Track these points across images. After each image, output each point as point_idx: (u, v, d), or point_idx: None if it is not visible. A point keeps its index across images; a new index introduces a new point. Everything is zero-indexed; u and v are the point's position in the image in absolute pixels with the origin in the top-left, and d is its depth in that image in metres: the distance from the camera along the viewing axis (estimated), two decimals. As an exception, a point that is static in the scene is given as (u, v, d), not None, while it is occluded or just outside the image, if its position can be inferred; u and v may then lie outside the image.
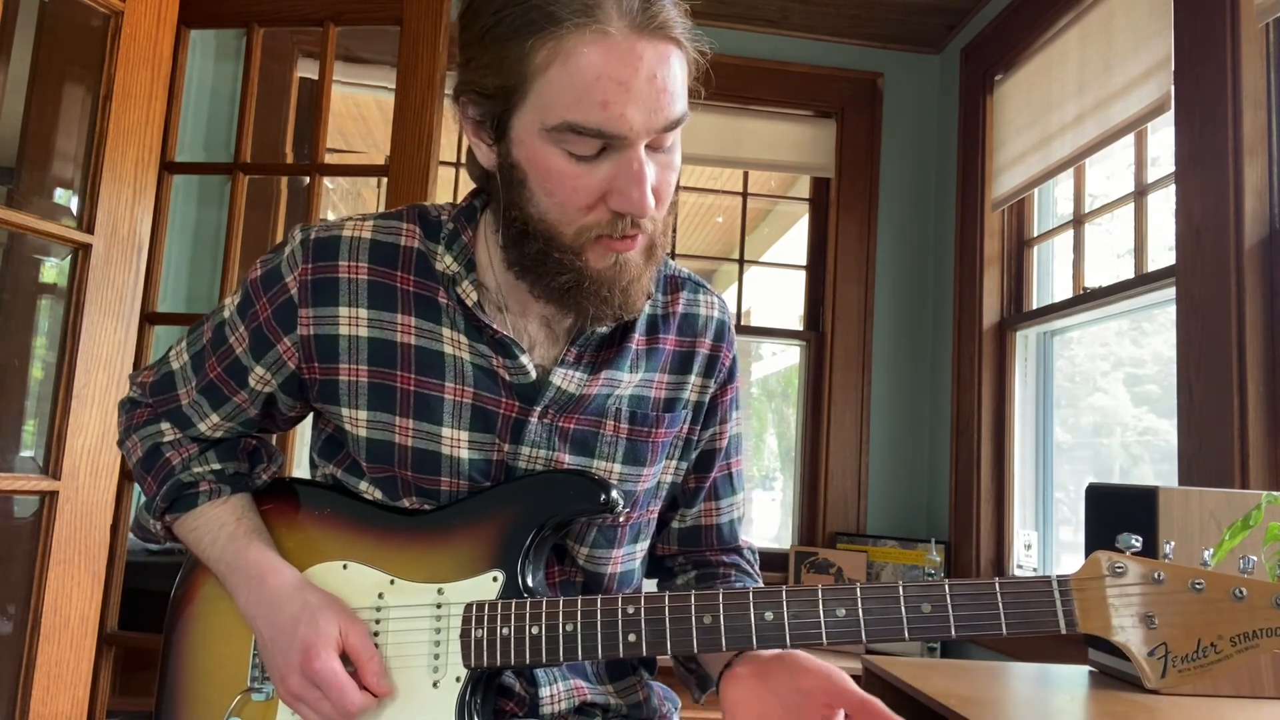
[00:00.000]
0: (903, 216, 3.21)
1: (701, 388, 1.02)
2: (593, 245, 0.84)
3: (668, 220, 0.88)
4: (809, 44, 3.21)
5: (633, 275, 0.86)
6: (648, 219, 0.83)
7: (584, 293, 0.85)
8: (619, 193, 0.80)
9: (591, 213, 0.82)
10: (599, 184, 0.81)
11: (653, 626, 0.82)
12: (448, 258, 0.93)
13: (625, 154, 0.80)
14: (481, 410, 0.92)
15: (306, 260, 0.93)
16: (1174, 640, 0.74)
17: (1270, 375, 1.75)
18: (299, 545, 0.95)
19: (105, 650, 1.98)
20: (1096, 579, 0.76)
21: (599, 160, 0.80)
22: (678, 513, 1.07)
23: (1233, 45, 1.83)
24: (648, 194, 0.80)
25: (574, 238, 0.83)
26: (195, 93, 2.75)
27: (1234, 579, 0.74)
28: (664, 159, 0.84)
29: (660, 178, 0.83)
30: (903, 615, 0.78)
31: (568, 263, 0.84)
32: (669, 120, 0.80)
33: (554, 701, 0.96)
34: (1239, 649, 0.73)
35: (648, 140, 0.80)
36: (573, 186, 0.81)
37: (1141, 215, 2.23)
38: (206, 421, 0.98)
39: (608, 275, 0.85)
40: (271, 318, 0.94)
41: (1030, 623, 0.77)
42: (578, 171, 0.81)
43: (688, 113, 0.83)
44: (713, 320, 1.04)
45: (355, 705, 0.83)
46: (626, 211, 0.81)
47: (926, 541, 2.85)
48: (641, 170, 0.80)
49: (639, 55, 0.78)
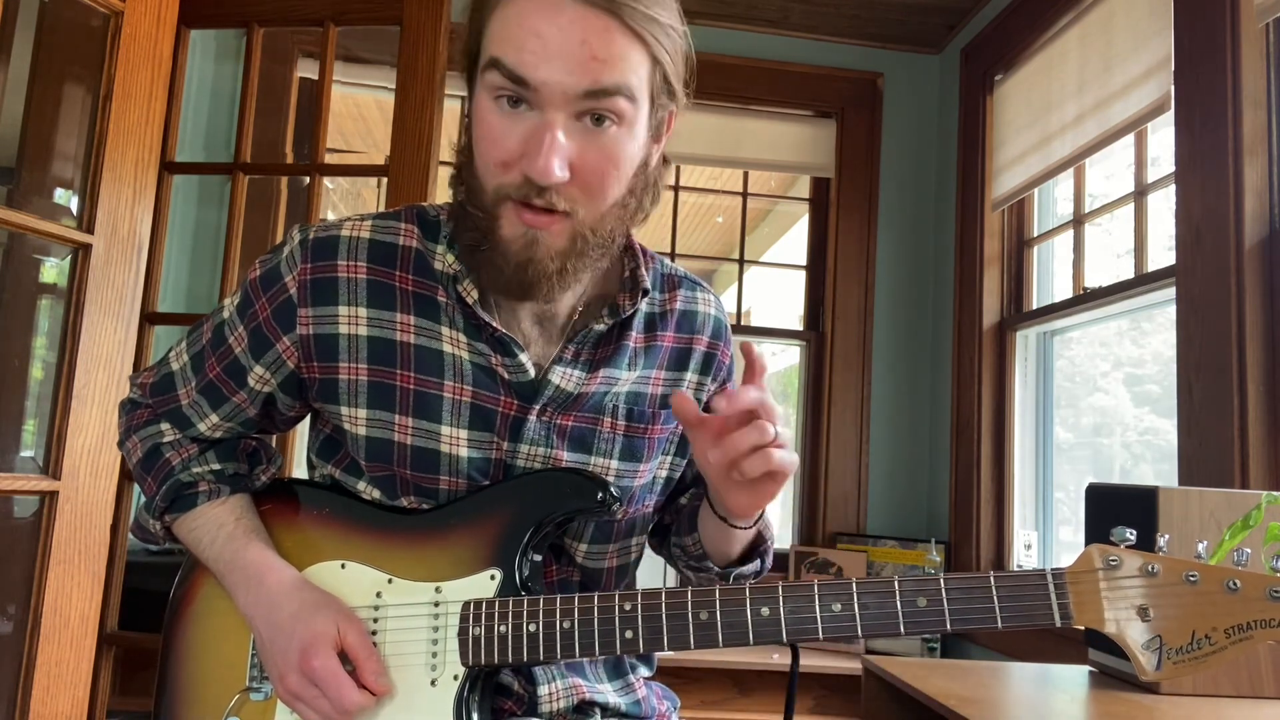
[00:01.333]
0: (903, 216, 3.21)
1: (699, 385, 1.03)
2: (505, 210, 0.84)
3: (608, 214, 0.86)
4: (809, 44, 3.21)
5: (541, 257, 0.84)
6: (568, 200, 0.82)
7: (482, 257, 0.86)
8: (527, 154, 0.81)
9: (508, 171, 0.82)
10: (517, 143, 0.81)
11: (649, 623, 0.82)
12: (449, 256, 0.93)
13: (542, 113, 0.80)
14: (480, 409, 0.92)
15: (305, 260, 0.93)
16: (1168, 632, 0.74)
17: (1270, 375, 1.74)
18: (297, 545, 0.95)
19: (105, 650, 1.98)
20: (1091, 572, 0.77)
21: (520, 115, 0.81)
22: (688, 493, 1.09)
23: (1233, 45, 1.83)
24: (550, 160, 0.79)
25: (491, 196, 0.84)
26: (195, 93, 2.76)
27: (1228, 571, 0.74)
28: (598, 139, 0.82)
29: (587, 156, 0.82)
30: (898, 609, 0.79)
31: (480, 222, 0.85)
32: (596, 85, 0.79)
33: (552, 700, 0.96)
34: (1233, 641, 0.73)
35: (571, 108, 0.80)
36: (492, 139, 0.83)
37: (1141, 215, 2.23)
38: (206, 422, 0.99)
39: (514, 248, 0.84)
40: (271, 317, 0.94)
41: (1025, 616, 0.77)
42: (498, 122, 0.82)
43: (634, 97, 0.82)
44: (710, 318, 1.04)
45: (353, 703, 0.83)
46: (528, 174, 0.81)
47: (926, 541, 2.85)
48: (550, 134, 0.80)
49: (566, 15, 0.79)
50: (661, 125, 0.91)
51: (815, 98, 3.22)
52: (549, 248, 0.84)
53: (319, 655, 0.83)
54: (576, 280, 0.89)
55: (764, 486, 0.84)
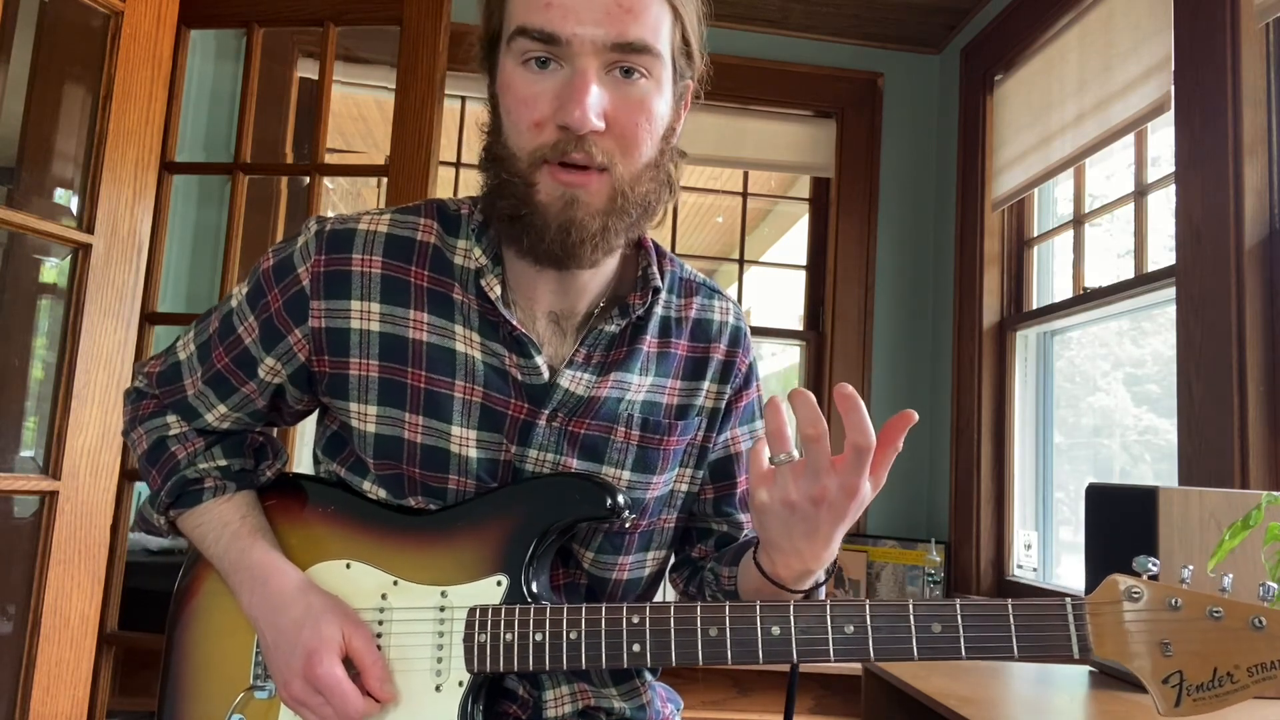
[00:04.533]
0: (903, 216, 3.21)
1: (717, 394, 1.01)
2: (542, 173, 0.83)
3: (643, 174, 0.85)
4: (809, 44, 3.21)
5: (582, 218, 0.83)
6: (604, 154, 0.82)
7: (524, 223, 0.84)
8: (562, 105, 0.80)
9: (542, 132, 0.82)
10: (549, 99, 0.81)
11: (657, 638, 0.81)
12: (475, 250, 0.92)
13: (573, 65, 0.80)
14: (490, 410, 0.91)
15: (320, 252, 0.92)
16: (1189, 668, 0.72)
17: (1270, 375, 1.75)
18: (302, 543, 0.94)
19: (105, 650, 1.97)
20: (1113, 603, 0.74)
21: (549, 72, 0.81)
22: (721, 516, 1.04)
23: (1233, 45, 1.83)
24: (587, 107, 0.79)
25: (527, 161, 0.83)
26: (195, 93, 2.76)
27: (1253, 608, 0.72)
28: (628, 90, 0.82)
29: (620, 107, 0.82)
30: (912, 634, 0.77)
31: (518, 191, 0.84)
32: (623, 37, 0.80)
33: (557, 704, 0.95)
34: (1256, 680, 0.71)
35: (601, 60, 0.80)
36: (523, 100, 0.82)
37: (1141, 215, 2.23)
38: (213, 412, 0.97)
39: (553, 209, 0.83)
40: (283, 308, 0.93)
41: (1042, 646, 0.75)
42: (529, 82, 0.82)
43: (659, 52, 0.82)
44: (727, 326, 1.03)
45: (357, 711, 0.83)
46: (566, 125, 0.80)
47: (926, 541, 2.85)
48: (584, 82, 0.80)
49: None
50: (681, 98, 0.91)
51: (815, 98, 3.22)
52: (588, 206, 0.83)
53: (323, 663, 0.83)
54: (617, 244, 0.88)
55: (829, 530, 0.80)
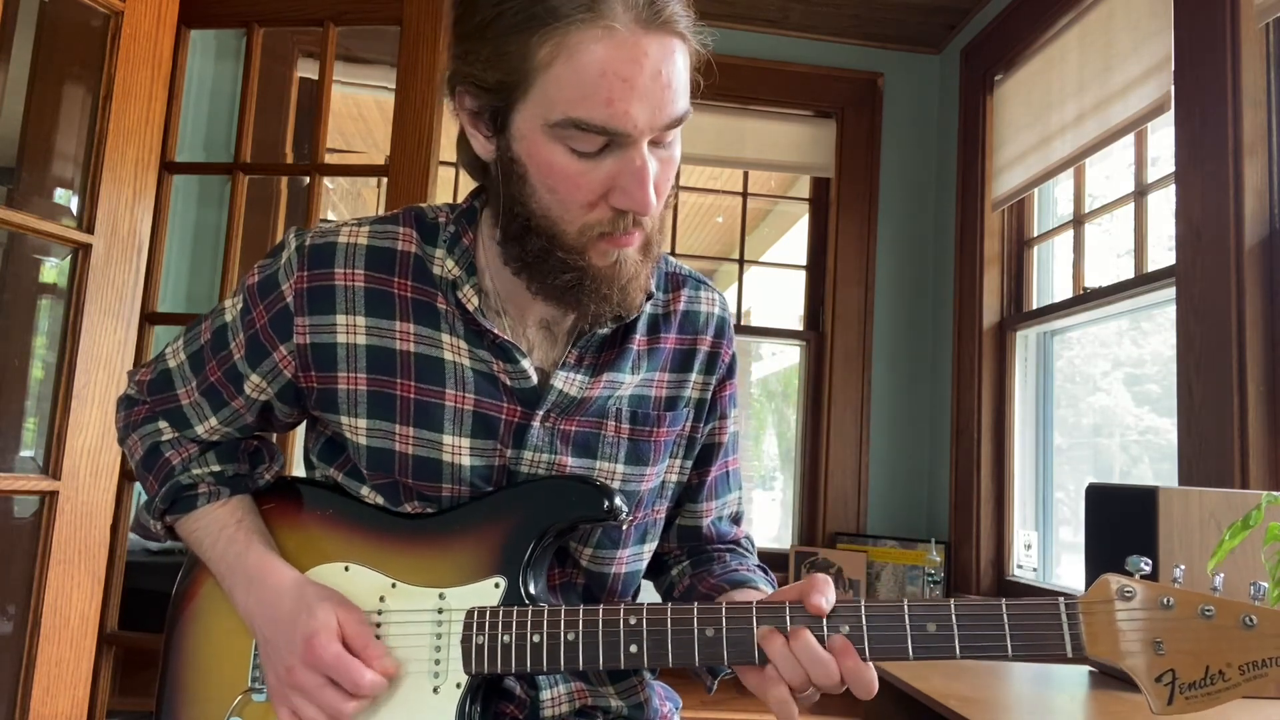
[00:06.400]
0: (903, 217, 3.21)
1: (703, 385, 1.02)
2: (595, 243, 0.84)
3: (665, 215, 0.88)
4: (809, 44, 3.21)
5: (631, 273, 0.86)
6: (651, 217, 0.84)
7: (585, 291, 0.85)
8: (622, 190, 0.80)
9: (594, 210, 0.82)
10: (602, 181, 0.81)
11: (654, 638, 0.82)
12: (449, 262, 0.92)
13: (628, 151, 0.80)
14: (483, 416, 0.92)
15: (302, 268, 0.92)
16: (1182, 667, 0.73)
17: (1270, 375, 1.75)
18: (300, 546, 0.95)
19: (105, 650, 1.98)
20: (1105, 602, 0.75)
21: (602, 157, 0.80)
22: (681, 508, 1.07)
23: (1233, 45, 1.83)
24: (650, 192, 0.80)
25: (577, 236, 0.83)
26: (195, 93, 2.76)
27: (1244, 606, 0.72)
28: (665, 154, 0.83)
29: (661, 174, 0.83)
30: (907, 634, 0.78)
31: (571, 261, 0.84)
32: (672, 117, 0.80)
33: (555, 704, 0.95)
34: (1247, 678, 0.71)
35: (651, 137, 0.80)
36: (575, 184, 0.81)
37: (1141, 215, 2.23)
38: (205, 424, 0.98)
39: (608, 273, 0.85)
40: (268, 325, 0.93)
41: (1037, 645, 0.76)
42: (581, 168, 0.80)
43: (690, 109, 0.83)
44: (713, 317, 1.04)
45: (367, 684, 0.83)
46: (629, 209, 0.81)
47: (926, 541, 2.85)
48: (645, 168, 0.80)
49: (644, 51, 0.77)
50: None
51: (815, 98, 3.22)
52: (631, 259, 0.86)
53: (323, 643, 0.83)
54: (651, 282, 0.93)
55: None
